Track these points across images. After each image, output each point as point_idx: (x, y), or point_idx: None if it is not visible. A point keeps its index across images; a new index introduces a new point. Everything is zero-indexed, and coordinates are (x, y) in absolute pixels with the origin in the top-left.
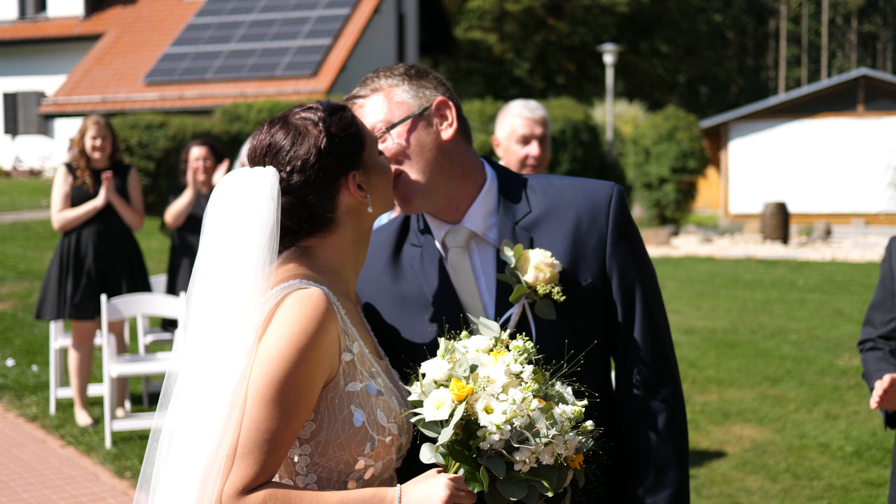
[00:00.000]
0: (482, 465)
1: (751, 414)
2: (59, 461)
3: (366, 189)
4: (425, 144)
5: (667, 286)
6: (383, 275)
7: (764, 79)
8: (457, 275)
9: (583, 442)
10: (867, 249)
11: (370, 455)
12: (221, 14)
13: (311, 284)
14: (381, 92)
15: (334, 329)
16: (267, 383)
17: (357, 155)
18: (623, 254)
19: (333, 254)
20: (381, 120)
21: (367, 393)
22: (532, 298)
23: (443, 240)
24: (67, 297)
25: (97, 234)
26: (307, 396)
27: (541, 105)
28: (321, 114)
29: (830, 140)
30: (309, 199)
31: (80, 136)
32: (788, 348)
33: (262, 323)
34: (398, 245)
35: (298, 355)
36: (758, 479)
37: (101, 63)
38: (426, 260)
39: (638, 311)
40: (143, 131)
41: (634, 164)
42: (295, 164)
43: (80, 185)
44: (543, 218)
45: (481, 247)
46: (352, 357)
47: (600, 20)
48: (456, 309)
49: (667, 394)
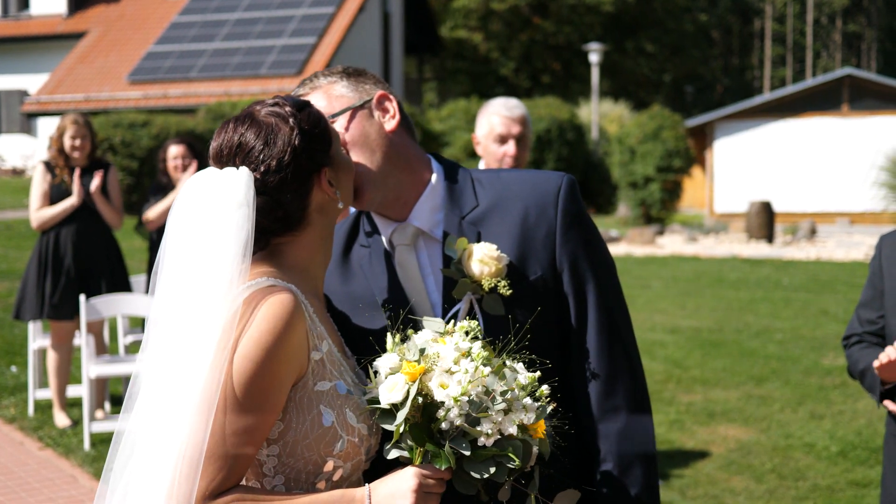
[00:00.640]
0: (447, 446)
1: (736, 414)
2: (37, 463)
3: (335, 185)
4: (370, 135)
5: (652, 285)
6: (332, 276)
7: (749, 78)
8: (404, 273)
9: (541, 407)
10: (852, 248)
11: (339, 455)
12: (206, 12)
13: (279, 283)
14: (320, 89)
15: (302, 328)
16: (235, 385)
17: (327, 150)
18: (573, 245)
19: (303, 252)
20: (330, 112)
21: (337, 392)
22: (478, 293)
23: (390, 238)
24: (46, 297)
25: (76, 233)
26: (275, 398)
27: (521, 103)
28: (290, 109)
29: (815, 139)
30: (285, 198)
31: (59, 135)
32: (773, 348)
33: (230, 323)
34: (347, 246)
35: (266, 356)
36: (743, 480)
37: (85, 61)
38: (374, 260)
39: (591, 305)
40: (126, 130)
41: (620, 163)
42: (270, 163)
43: (59, 184)
44: (491, 211)
45: (429, 244)
46: (321, 356)
47: (586, 19)
48: (404, 307)
49: (627, 390)
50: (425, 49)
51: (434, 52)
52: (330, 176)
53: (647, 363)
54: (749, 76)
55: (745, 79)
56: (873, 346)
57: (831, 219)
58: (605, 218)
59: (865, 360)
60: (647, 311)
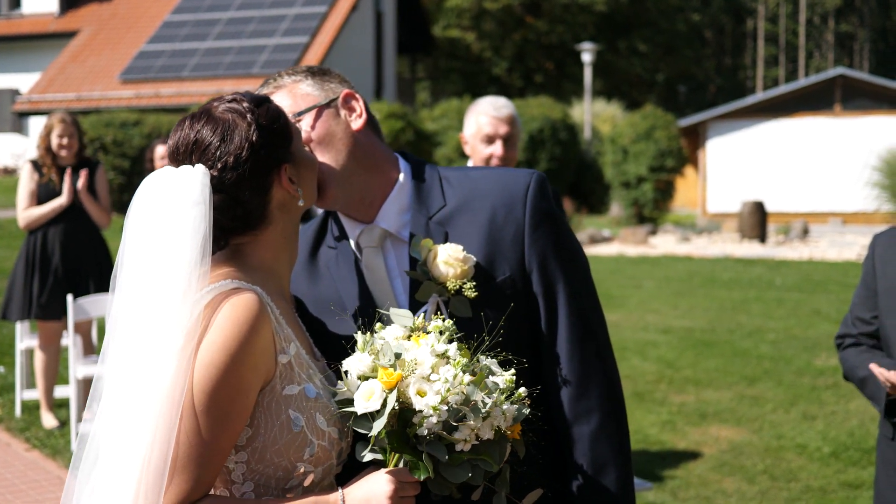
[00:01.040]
0: (423, 452)
1: (728, 414)
2: (24, 465)
3: (296, 182)
4: (336, 134)
5: (644, 285)
6: (300, 278)
7: (742, 78)
8: (371, 275)
9: (519, 410)
10: (844, 248)
11: (310, 461)
12: (198, 11)
13: (243, 285)
14: (284, 88)
15: (268, 331)
16: (199, 393)
17: (287, 147)
18: (543, 244)
19: (266, 251)
20: (287, 112)
21: (306, 396)
22: (445, 295)
23: (357, 240)
24: (34, 297)
25: (64, 232)
26: (242, 404)
27: (509, 103)
28: (248, 105)
29: (808, 139)
30: (243, 196)
31: (46, 134)
32: (766, 348)
33: (193, 327)
34: (315, 247)
35: (231, 362)
36: (735, 481)
37: (77, 60)
38: (341, 262)
39: (562, 305)
40: (117, 129)
41: (612, 162)
42: (227, 160)
43: (47, 183)
44: (458, 211)
45: (396, 246)
46: (288, 359)
47: (579, 19)
48: (372, 310)
49: (599, 391)
50: (418, 48)
51: (427, 51)
52: (291, 173)
53: (639, 363)
54: (742, 76)
55: (738, 79)
56: (870, 349)
57: (824, 219)
58: (598, 218)
59: (864, 368)
60: (639, 311)
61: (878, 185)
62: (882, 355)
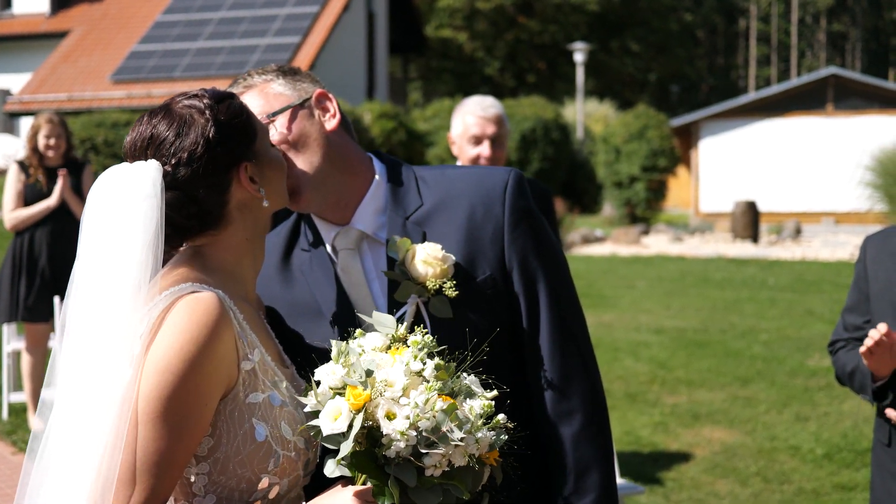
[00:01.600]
0: (391, 475)
1: (721, 415)
2: (10, 469)
3: (259, 182)
4: (310, 135)
5: (637, 285)
6: (273, 281)
7: (734, 78)
8: (348, 278)
9: (495, 438)
10: (837, 248)
11: (275, 472)
12: (189, 11)
13: (203, 288)
14: (255, 88)
15: (230, 336)
16: (154, 399)
17: (248, 145)
18: (522, 242)
19: (227, 253)
20: (260, 113)
21: (270, 404)
22: (424, 296)
23: (332, 243)
24: (20, 299)
25: (51, 233)
26: (201, 412)
27: (497, 102)
28: (207, 101)
29: (800, 139)
30: (198, 193)
31: (33, 134)
32: (759, 348)
33: (149, 331)
34: (288, 250)
35: (188, 367)
36: (727, 483)
37: (68, 61)
38: (315, 264)
39: (543, 304)
40: (109, 130)
41: (605, 162)
42: (181, 155)
43: (34, 184)
44: (436, 211)
45: (373, 248)
46: (252, 365)
47: (571, 18)
48: (349, 314)
49: (581, 392)
50: (410, 48)
51: (419, 51)
52: (253, 172)
53: (632, 364)
54: (734, 76)
55: (730, 78)
56: (857, 347)
57: (816, 218)
58: (590, 217)
59: (853, 361)
60: (631, 311)
61: (870, 185)
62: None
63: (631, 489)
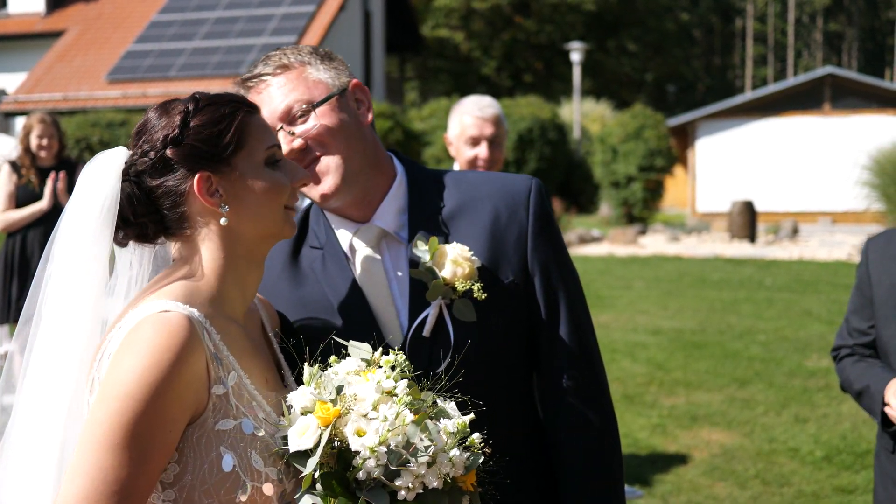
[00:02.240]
0: (360, 498)
1: (719, 417)
2: None
3: (224, 196)
4: (349, 127)
5: (634, 286)
6: (281, 280)
7: (731, 77)
8: (367, 277)
9: (471, 459)
10: (834, 248)
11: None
12: (185, 11)
13: (176, 306)
14: (292, 71)
15: (198, 359)
16: (114, 426)
17: (214, 155)
18: (545, 250)
19: (207, 268)
20: (300, 99)
21: (241, 432)
22: (449, 297)
23: (350, 241)
24: (13, 301)
25: (44, 234)
26: (164, 439)
27: (495, 102)
28: (193, 104)
29: (797, 138)
30: (153, 190)
31: (25, 134)
32: (757, 349)
33: (115, 350)
34: (296, 248)
35: (150, 393)
36: (726, 486)
37: (63, 60)
38: (329, 262)
39: (563, 314)
40: (104, 129)
41: (602, 162)
42: (144, 147)
43: (26, 185)
44: (458, 213)
45: (392, 246)
46: (225, 390)
47: (567, 18)
48: (365, 314)
49: (596, 405)
50: (407, 48)
51: (415, 51)
52: (219, 184)
53: (629, 365)
54: (730, 75)
55: (727, 78)
56: (864, 358)
57: (813, 218)
58: (587, 218)
59: (860, 381)
60: (629, 312)
61: (868, 185)
62: (877, 363)
63: (630, 494)
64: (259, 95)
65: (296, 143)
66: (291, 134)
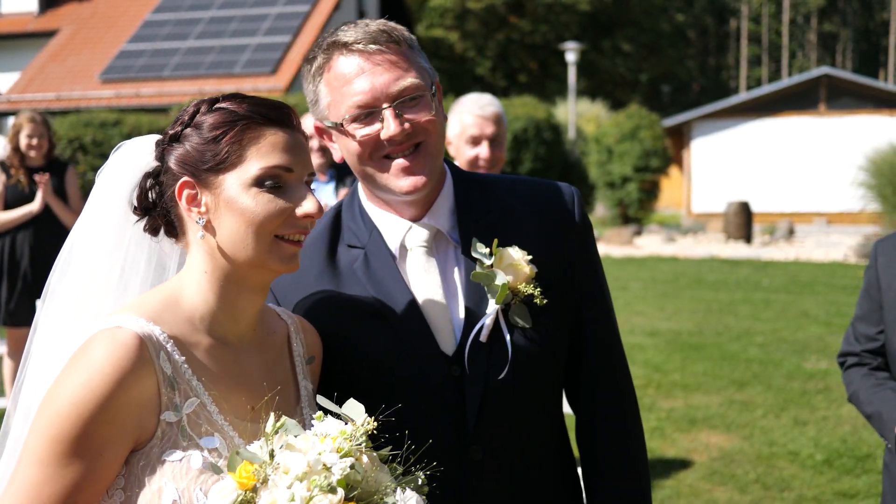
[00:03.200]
0: None
1: (718, 420)
2: None
3: (207, 210)
4: (442, 121)
5: (630, 287)
6: (321, 281)
7: (725, 78)
8: (421, 276)
9: None
10: (830, 249)
11: None
12: (179, 10)
13: (134, 322)
14: (404, 49)
15: (144, 381)
16: (42, 442)
17: (201, 163)
18: (588, 257)
19: (192, 282)
20: (415, 84)
21: (188, 466)
22: (509, 302)
23: (403, 238)
24: (2, 304)
25: (33, 236)
26: (94, 460)
27: (495, 100)
28: (208, 105)
29: (793, 139)
30: (157, 186)
31: (15, 134)
32: (755, 351)
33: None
34: (331, 247)
35: (78, 411)
36: (727, 491)
37: (56, 60)
38: (373, 262)
39: (601, 319)
40: (97, 129)
41: (597, 162)
42: (164, 138)
43: (15, 185)
44: (505, 217)
45: (441, 247)
46: (177, 418)
47: (562, 18)
48: (418, 318)
49: (631, 413)
50: None
51: None
52: (203, 194)
53: None
54: (725, 76)
55: (721, 79)
56: (872, 372)
57: (808, 219)
58: None
59: (871, 405)
60: (625, 314)
61: (864, 185)
62: (887, 382)
63: None
64: (365, 63)
65: (407, 126)
66: (399, 116)
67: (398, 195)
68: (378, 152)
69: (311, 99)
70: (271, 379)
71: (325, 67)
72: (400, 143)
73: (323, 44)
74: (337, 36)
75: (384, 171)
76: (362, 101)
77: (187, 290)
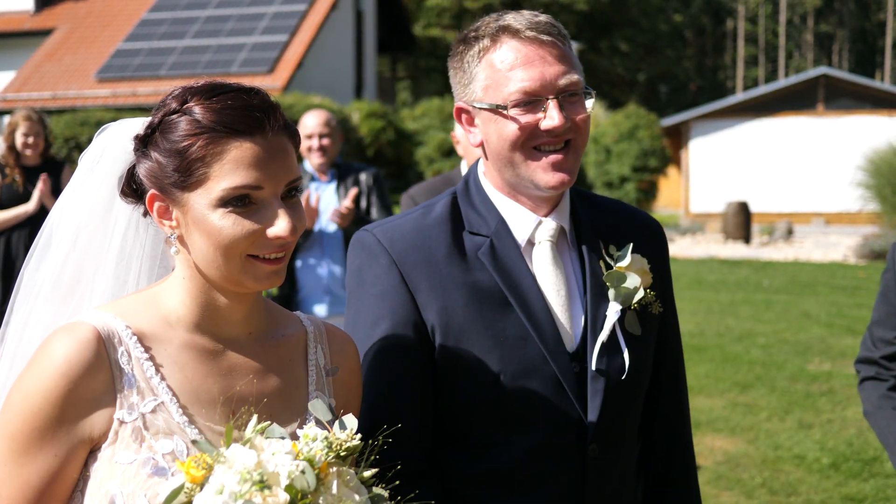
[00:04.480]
0: None
1: (722, 423)
2: None
3: (179, 226)
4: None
5: None
6: (449, 262)
7: (722, 78)
8: (548, 271)
9: None
10: (829, 249)
11: None
12: (175, 9)
13: (97, 317)
14: (569, 46)
15: (98, 379)
16: (2, 440)
17: (164, 177)
18: (667, 282)
19: (174, 281)
20: (581, 80)
21: (138, 471)
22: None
23: (533, 232)
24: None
25: (29, 236)
26: (45, 460)
27: None
28: (177, 103)
29: (791, 139)
30: (138, 176)
31: (10, 132)
32: (757, 352)
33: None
34: (456, 234)
35: (27, 405)
36: (733, 496)
37: (52, 59)
38: (500, 251)
39: (673, 335)
40: (93, 128)
41: (595, 162)
42: (134, 142)
43: (10, 184)
44: (613, 229)
45: (560, 245)
46: (134, 418)
47: (560, 18)
48: (546, 311)
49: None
50: (398, 47)
51: (407, 50)
52: (173, 208)
53: None
54: (722, 76)
55: (718, 79)
56: (891, 390)
57: (807, 219)
58: None
59: (892, 434)
60: None
61: (863, 185)
62: None
63: None
64: (537, 52)
65: (567, 122)
66: (562, 109)
67: (541, 189)
68: (531, 142)
69: (460, 79)
70: (266, 383)
71: (490, 49)
72: (557, 135)
73: (490, 27)
74: (507, 21)
75: (534, 161)
76: (530, 87)
77: (168, 292)
